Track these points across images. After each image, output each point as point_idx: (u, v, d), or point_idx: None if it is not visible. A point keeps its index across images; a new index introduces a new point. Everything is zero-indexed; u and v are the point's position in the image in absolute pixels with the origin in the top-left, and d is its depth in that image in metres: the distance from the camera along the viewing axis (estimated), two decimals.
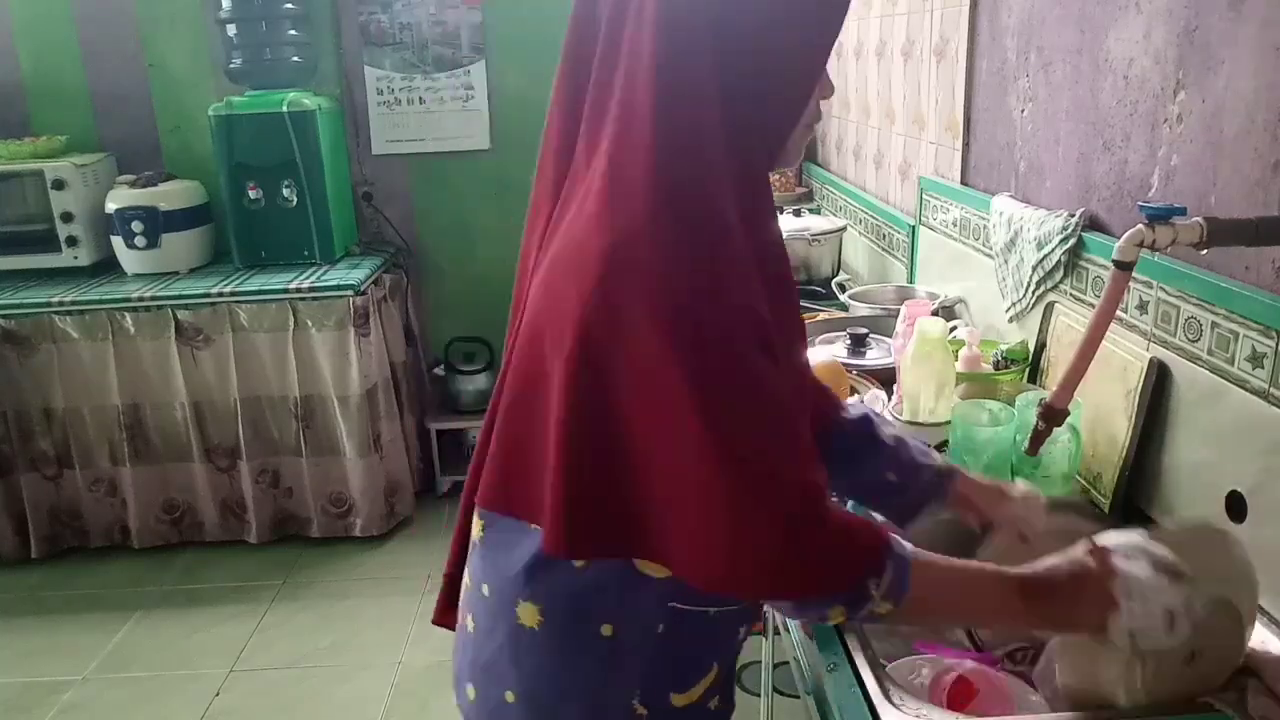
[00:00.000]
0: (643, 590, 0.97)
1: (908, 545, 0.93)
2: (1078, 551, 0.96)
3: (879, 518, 1.19)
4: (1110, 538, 0.96)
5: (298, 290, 3.15)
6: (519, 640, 1.02)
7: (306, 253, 3.40)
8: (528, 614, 1.01)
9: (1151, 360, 1.34)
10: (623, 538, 0.93)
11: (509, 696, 1.04)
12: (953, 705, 1.03)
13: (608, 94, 0.92)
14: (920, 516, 1.18)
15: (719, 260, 0.88)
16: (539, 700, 1.03)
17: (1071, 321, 1.58)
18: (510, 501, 1.02)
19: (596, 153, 0.92)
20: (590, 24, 0.94)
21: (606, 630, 0.99)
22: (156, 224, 3.33)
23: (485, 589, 1.05)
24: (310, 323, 3.16)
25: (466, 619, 1.10)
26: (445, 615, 1.19)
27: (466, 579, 1.10)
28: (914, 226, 2.35)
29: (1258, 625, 1.12)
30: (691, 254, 0.87)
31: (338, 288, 3.15)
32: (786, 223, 2.65)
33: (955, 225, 2.10)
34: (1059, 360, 1.60)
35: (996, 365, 1.67)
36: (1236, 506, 1.19)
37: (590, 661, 1.00)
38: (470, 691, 1.09)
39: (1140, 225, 1.08)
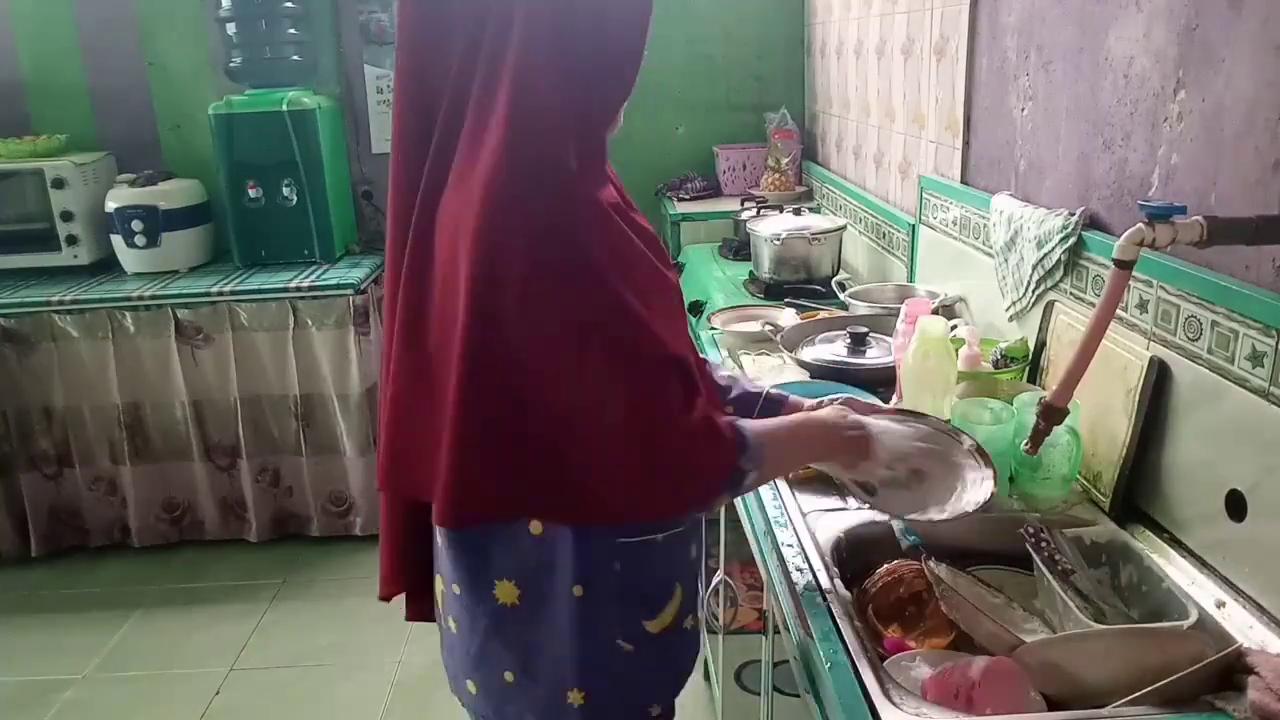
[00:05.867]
0: (594, 535, 1.07)
1: (748, 429, 1.08)
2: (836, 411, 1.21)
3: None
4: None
5: (298, 289, 3.15)
6: (504, 621, 1.10)
7: (306, 252, 3.40)
8: (506, 593, 1.09)
9: (1151, 359, 1.34)
10: (519, 496, 1.01)
11: (508, 677, 1.12)
12: (961, 700, 1.03)
13: (465, 95, 1.00)
14: None
15: (570, 201, 0.98)
16: (536, 672, 1.11)
17: (1071, 320, 1.58)
18: (401, 481, 1.10)
19: (466, 141, 1.00)
20: (439, 29, 1.01)
21: (577, 591, 1.07)
22: (156, 223, 3.33)
23: (456, 588, 1.13)
24: (310, 321, 3.16)
25: (448, 622, 1.17)
26: (414, 606, 1.26)
27: (439, 584, 1.17)
28: (914, 225, 2.35)
29: (1258, 625, 1.13)
30: (548, 204, 0.96)
31: (338, 286, 3.15)
32: (786, 222, 2.64)
33: (955, 224, 2.10)
34: (1059, 359, 1.60)
35: (996, 364, 1.67)
36: (1236, 505, 1.19)
37: (572, 623, 1.08)
38: (470, 685, 1.16)
39: (1140, 224, 1.08)
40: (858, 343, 1.94)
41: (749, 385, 1.36)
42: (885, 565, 1.27)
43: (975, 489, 1.27)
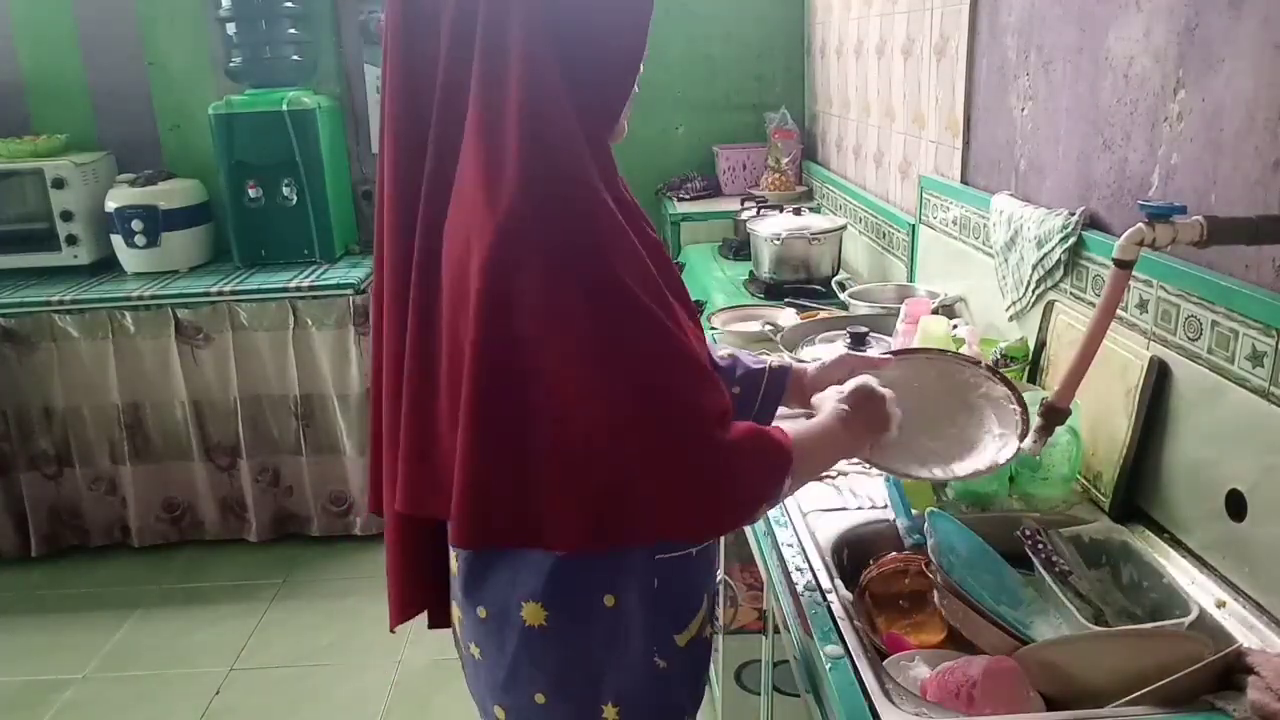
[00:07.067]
0: (629, 553, 1.04)
1: (788, 436, 1.04)
2: (847, 395, 1.17)
3: None
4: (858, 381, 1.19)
5: (298, 289, 3.15)
6: (532, 643, 1.06)
7: (306, 251, 3.40)
8: (533, 614, 1.05)
9: (1152, 359, 1.34)
10: (537, 519, 0.96)
11: (539, 699, 1.08)
12: (961, 700, 1.03)
13: (460, 91, 0.96)
14: (773, 415, 1.27)
15: (593, 218, 0.94)
16: (569, 691, 1.08)
17: (1071, 320, 1.57)
18: (437, 503, 1.03)
19: (457, 144, 0.97)
20: (427, 23, 0.98)
21: (609, 600, 1.04)
22: (156, 223, 3.33)
23: (481, 611, 1.09)
24: (310, 321, 3.16)
25: (470, 648, 1.13)
26: (435, 616, 1.24)
27: (456, 611, 1.14)
28: (914, 225, 2.35)
29: (1258, 624, 1.13)
30: (569, 221, 0.93)
31: (338, 286, 3.15)
32: (786, 221, 2.64)
33: (955, 224, 2.10)
34: (1059, 359, 1.60)
35: (996, 364, 1.67)
36: (1236, 505, 1.19)
37: (605, 636, 1.05)
38: (499, 712, 1.12)
39: (1140, 224, 1.08)
40: (858, 342, 1.94)
41: (751, 362, 1.31)
42: (893, 553, 1.27)
43: (993, 449, 1.24)
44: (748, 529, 1.51)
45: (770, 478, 1.01)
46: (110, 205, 3.32)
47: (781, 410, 1.29)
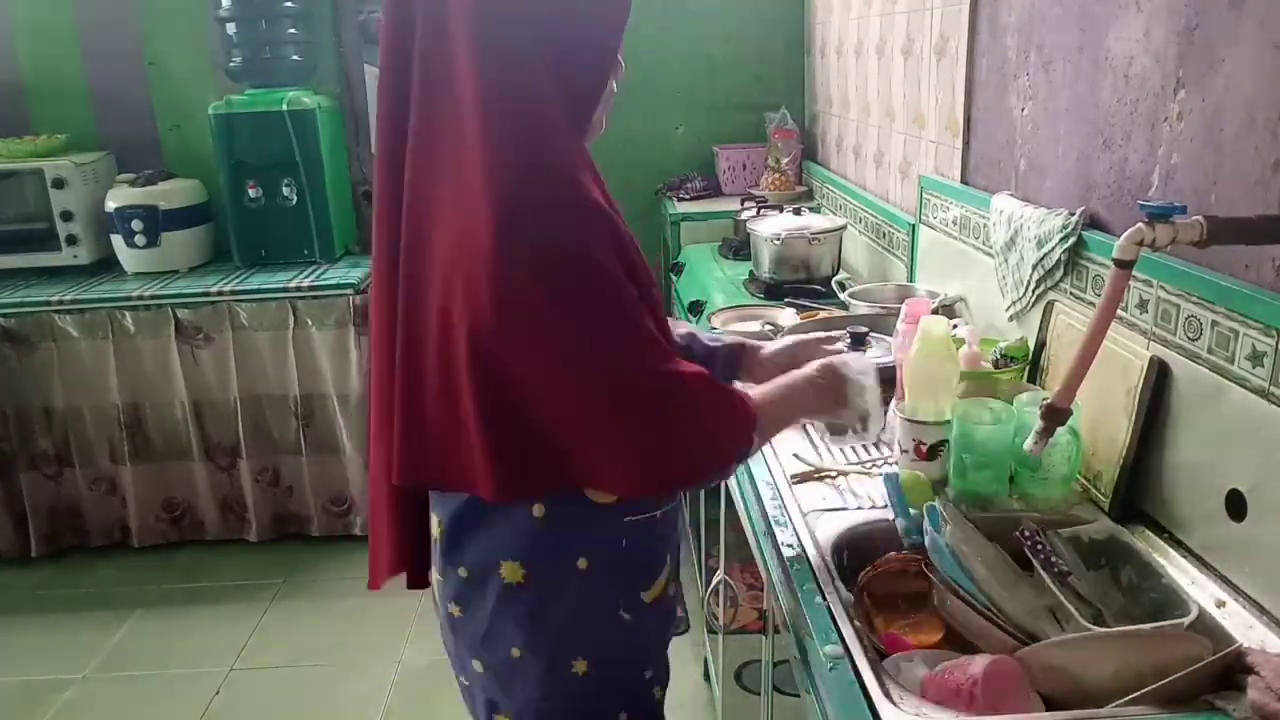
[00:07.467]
0: (602, 516, 1.12)
1: (752, 395, 1.16)
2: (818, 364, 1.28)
3: None
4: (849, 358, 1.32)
5: (298, 289, 3.15)
6: (510, 600, 1.14)
7: (306, 251, 3.40)
8: (512, 572, 1.13)
9: (1152, 359, 1.34)
10: (554, 476, 1.07)
11: (515, 653, 1.15)
12: (961, 699, 1.03)
13: (439, 91, 1.01)
14: None
15: (586, 212, 1.01)
16: (545, 646, 1.15)
17: (1072, 320, 1.57)
18: (431, 470, 1.11)
19: (437, 147, 1.03)
20: (407, 26, 1.03)
21: (582, 564, 1.13)
22: (156, 223, 3.33)
23: (463, 571, 1.16)
24: (310, 321, 3.16)
25: (450, 608, 1.20)
26: (412, 577, 1.30)
27: (436, 575, 1.21)
28: (914, 225, 2.35)
29: (1258, 624, 1.13)
30: (565, 216, 1.00)
31: (338, 286, 3.15)
32: (786, 221, 2.64)
33: (955, 224, 2.10)
34: (1059, 359, 1.60)
35: (996, 363, 1.67)
36: (1236, 505, 1.19)
37: (577, 594, 1.14)
38: (476, 665, 1.20)
39: (1140, 224, 1.08)
40: (858, 342, 1.93)
41: (707, 340, 1.40)
42: (893, 553, 1.27)
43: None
44: (747, 529, 1.51)
45: (738, 432, 1.11)
46: (110, 205, 3.32)
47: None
